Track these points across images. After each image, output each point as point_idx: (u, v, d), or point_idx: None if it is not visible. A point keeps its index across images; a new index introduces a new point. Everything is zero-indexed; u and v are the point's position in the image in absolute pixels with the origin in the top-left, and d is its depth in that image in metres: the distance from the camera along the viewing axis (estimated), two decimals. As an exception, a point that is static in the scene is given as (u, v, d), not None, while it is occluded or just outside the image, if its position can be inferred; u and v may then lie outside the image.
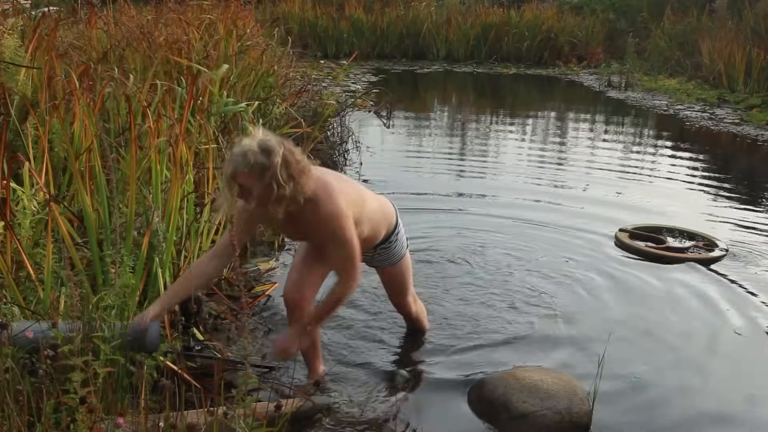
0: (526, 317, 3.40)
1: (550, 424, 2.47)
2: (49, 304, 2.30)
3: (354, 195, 2.54)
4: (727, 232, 4.74)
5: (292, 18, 14.88)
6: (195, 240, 3.28)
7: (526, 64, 14.94)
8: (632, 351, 3.11)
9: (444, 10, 16.09)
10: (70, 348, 1.86)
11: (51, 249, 2.39)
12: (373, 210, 2.66)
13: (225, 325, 3.11)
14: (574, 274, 3.90)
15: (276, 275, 3.75)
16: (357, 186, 2.68)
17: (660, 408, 2.70)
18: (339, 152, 6.48)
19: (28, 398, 1.85)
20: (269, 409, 2.13)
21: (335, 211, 2.39)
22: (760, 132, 8.46)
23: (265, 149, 2.23)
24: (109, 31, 5.78)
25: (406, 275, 2.97)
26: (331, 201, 2.39)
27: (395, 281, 2.97)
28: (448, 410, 2.63)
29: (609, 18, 15.96)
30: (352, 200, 2.49)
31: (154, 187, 3.01)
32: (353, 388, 2.73)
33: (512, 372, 2.69)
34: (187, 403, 2.06)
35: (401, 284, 2.98)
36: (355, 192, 2.57)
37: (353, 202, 2.50)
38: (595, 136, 8.36)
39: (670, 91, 11.38)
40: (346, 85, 10.87)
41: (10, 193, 2.67)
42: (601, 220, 4.86)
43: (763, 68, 10.46)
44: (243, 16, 7.19)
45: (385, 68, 14.00)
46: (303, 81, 7.25)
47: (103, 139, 2.90)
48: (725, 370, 3.02)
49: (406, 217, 4.82)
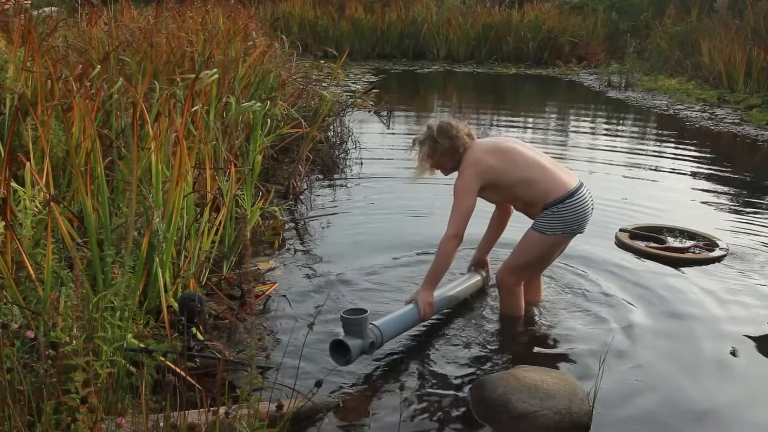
0: (526, 317, 3.40)
1: (550, 424, 2.47)
2: (49, 304, 2.30)
3: (495, 164, 3.09)
4: (727, 232, 4.74)
5: (293, 18, 14.90)
6: (195, 240, 3.28)
7: (526, 64, 14.95)
8: (632, 351, 3.10)
9: (444, 10, 16.10)
10: (72, 348, 1.86)
11: (51, 249, 2.39)
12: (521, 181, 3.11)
13: (225, 325, 3.11)
14: (573, 275, 3.90)
15: (276, 275, 3.75)
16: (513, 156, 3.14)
17: (660, 408, 2.69)
18: (339, 152, 6.49)
19: (28, 398, 1.85)
20: (270, 409, 2.13)
21: (460, 171, 3.14)
22: (760, 132, 8.46)
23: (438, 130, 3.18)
24: (109, 32, 5.78)
25: (527, 248, 3.20)
26: (462, 165, 3.14)
27: (520, 242, 3.24)
28: (448, 410, 2.63)
29: (610, 18, 15.97)
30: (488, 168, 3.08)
31: (154, 187, 3.01)
32: (354, 389, 2.73)
33: (512, 372, 2.68)
34: (187, 403, 2.07)
35: (518, 248, 3.24)
36: (500, 162, 3.10)
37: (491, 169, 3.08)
38: (595, 137, 8.37)
39: (670, 91, 11.38)
40: (346, 85, 10.87)
41: (11, 193, 2.67)
42: (601, 220, 4.86)
43: (763, 68, 10.47)
44: (244, 17, 7.18)
45: (385, 68, 14.01)
46: (303, 81, 7.25)
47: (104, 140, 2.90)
48: (726, 370, 3.02)
49: (406, 217, 4.86)
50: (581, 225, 3.17)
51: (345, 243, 4.32)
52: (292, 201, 5.05)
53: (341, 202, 5.25)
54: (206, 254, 3.38)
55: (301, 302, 3.46)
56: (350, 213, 4.97)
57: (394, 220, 4.81)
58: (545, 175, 3.11)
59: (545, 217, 3.11)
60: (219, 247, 3.57)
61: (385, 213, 4.96)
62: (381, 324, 2.86)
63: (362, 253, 4.14)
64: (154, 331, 2.72)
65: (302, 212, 4.95)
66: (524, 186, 3.11)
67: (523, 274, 3.30)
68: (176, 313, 2.87)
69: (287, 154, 6.00)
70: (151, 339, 2.63)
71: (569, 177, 3.19)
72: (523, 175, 3.10)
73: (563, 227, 3.11)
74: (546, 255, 3.24)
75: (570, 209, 3.09)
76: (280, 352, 2.89)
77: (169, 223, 2.92)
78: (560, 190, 3.10)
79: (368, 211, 5.01)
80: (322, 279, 3.75)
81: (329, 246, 4.27)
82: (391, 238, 4.42)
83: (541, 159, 3.19)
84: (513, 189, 3.14)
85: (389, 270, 3.90)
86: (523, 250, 3.20)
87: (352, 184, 5.76)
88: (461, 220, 3.04)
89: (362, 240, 4.37)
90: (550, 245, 3.17)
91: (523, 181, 3.10)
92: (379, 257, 4.08)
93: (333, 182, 5.80)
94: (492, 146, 3.21)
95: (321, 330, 3.12)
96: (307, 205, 5.08)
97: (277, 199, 4.94)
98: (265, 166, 5.37)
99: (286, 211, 4.83)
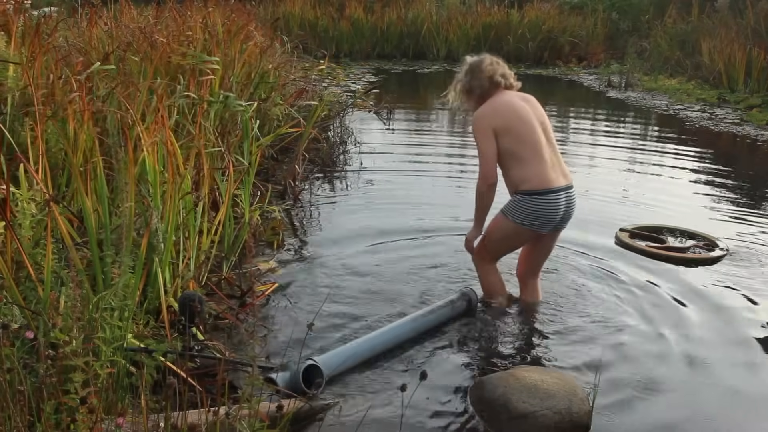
0: (526, 317, 3.40)
1: (550, 424, 2.47)
2: (49, 304, 2.30)
3: (497, 126, 3.13)
4: (727, 231, 4.74)
5: (293, 18, 14.89)
6: (194, 240, 3.28)
7: (526, 64, 14.94)
8: (632, 351, 3.10)
9: (444, 10, 16.10)
10: (71, 348, 1.86)
11: (51, 249, 2.39)
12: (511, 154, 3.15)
13: (225, 325, 3.11)
14: (573, 274, 3.90)
15: (276, 275, 3.75)
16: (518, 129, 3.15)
17: (660, 408, 2.69)
18: (339, 152, 6.49)
19: (28, 398, 1.85)
20: (271, 410, 2.13)
21: (475, 115, 3.23)
22: (760, 132, 8.46)
23: (469, 67, 3.34)
24: (109, 31, 5.78)
25: (492, 225, 3.30)
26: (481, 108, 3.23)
27: (489, 224, 3.31)
28: (448, 410, 2.63)
29: (610, 18, 15.97)
30: (489, 125, 3.14)
31: (153, 187, 3.01)
32: (354, 389, 2.73)
33: (512, 372, 2.68)
34: (187, 403, 2.06)
35: (487, 230, 3.32)
36: (502, 127, 3.13)
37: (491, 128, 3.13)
38: (595, 136, 8.36)
39: (670, 91, 11.38)
40: (346, 85, 10.87)
41: (11, 193, 2.66)
42: (601, 219, 4.86)
43: (764, 68, 10.46)
44: (244, 16, 7.18)
45: (385, 68, 14.01)
46: (303, 81, 7.26)
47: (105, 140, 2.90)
48: (726, 370, 3.01)
49: (405, 216, 4.86)
50: (542, 225, 3.19)
51: (345, 243, 4.31)
52: (292, 201, 5.05)
53: (341, 202, 5.25)
54: (206, 254, 3.38)
55: (301, 302, 3.45)
56: (350, 213, 4.97)
57: (394, 220, 4.81)
58: (533, 164, 3.14)
59: (512, 201, 3.21)
60: (219, 247, 3.57)
61: (385, 213, 4.96)
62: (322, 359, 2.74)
63: (362, 253, 4.14)
64: (154, 331, 2.72)
65: (302, 212, 4.95)
66: (511, 159, 3.16)
67: (489, 251, 3.37)
68: (176, 313, 2.87)
69: (287, 154, 6.00)
70: (151, 339, 2.63)
71: (557, 176, 3.19)
72: (515, 150, 3.14)
73: (522, 218, 3.17)
74: (507, 238, 3.29)
75: (535, 205, 3.14)
76: (280, 353, 2.89)
77: (168, 223, 2.92)
78: (537, 183, 3.13)
79: (368, 210, 5.01)
80: (321, 278, 3.75)
81: (329, 246, 4.27)
82: (391, 237, 4.42)
83: (543, 148, 3.17)
84: (505, 155, 3.17)
85: (389, 270, 3.89)
86: (489, 228, 3.32)
87: (352, 183, 5.75)
88: (485, 162, 3.15)
89: (362, 239, 4.37)
90: (509, 229, 3.23)
91: (512, 155, 3.15)
92: (379, 257, 4.08)
93: (333, 182, 5.80)
94: (508, 107, 3.20)
95: (321, 330, 3.12)
96: (306, 205, 5.08)
97: (276, 198, 4.94)
98: (265, 165, 5.37)
99: (285, 211, 4.82)
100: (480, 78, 3.28)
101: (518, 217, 3.18)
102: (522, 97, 3.30)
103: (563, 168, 3.26)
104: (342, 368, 2.78)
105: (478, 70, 3.29)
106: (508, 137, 3.14)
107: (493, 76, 3.28)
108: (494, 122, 3.15)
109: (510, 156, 3.16)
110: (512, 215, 3.20)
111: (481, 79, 3.28)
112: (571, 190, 3.24)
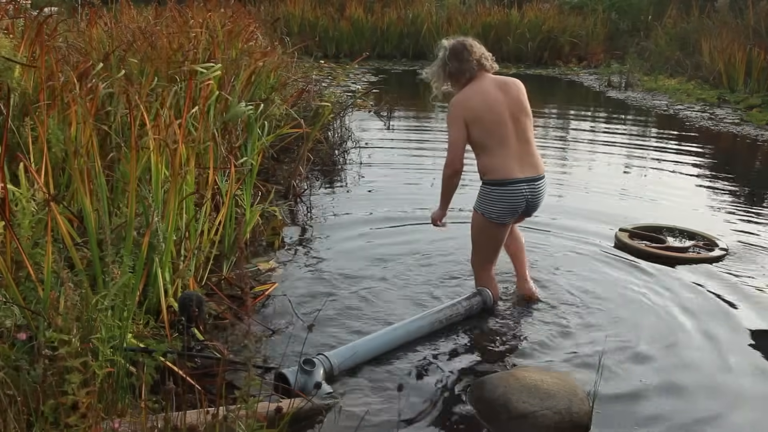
0: (526, 317, 3.40)
1: (550, 424, 2.47)
2: (49, 304, 2.30)
3: (468, 116, 3.18)
4: (727, 231, 4.74)
5: (293, 18, 14.90)
6: (194, 240, 3.28)
7: (526, 64, 14.95)
8: (632, 351, 3.10)
9: (444, 10, 16.11)
10: (67, 350, 1.85)
11: (51, 249, 2.39)
12: (480, 143, 3.21)
13: (225, 325, 3.11)
14: (573, 275, 3.90)
15: (276, 275, 3.75)
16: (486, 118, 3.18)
17: (660, 408, 2.69)
18: (339, 152, 6.49)
19: (26, 399, 1.85)
20: (269, 410, 2.13)
21: (451, 102, 3.25)
22: (760, 132, 8.46)
23: (451, 51, 3.28)
24: (109, 32, 5.78)
25: (473, 229, 3.36)
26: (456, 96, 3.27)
27: (471, 228, 3.37)
28: (448, 410, 2.63)
29: (610, 18, 15.98)
30: (462, 115, 3.18)
31: (153, 187, 3.01)
32: (353, 389, 2.73)
33: (512, 372, 2.68)
34: (186, 403, 2.06)
35: (471, 235, 3.38)
36: (473, 117, 3.17)
37: (464, 117, 3.17)
38: (594, 136, 8.36)
39: (670, 91, 11.38)
40: (346, 85, 10.87)
41: (10, 193, 2.67)
42: (600, 219, 4.87)
43: (764, 68, 10.47)
44: (245, 18, 7.19)
45: (385, 68, 14.01)
46: (304, 81, 7.25)
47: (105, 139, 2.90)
48: (726, 370, 3.01)
49: (406, 217, 4.86)
50: (501, 215, 3.24)
51: (345, 243, 4.31)
52: (292, 201, 5.05)
53: (341, 202, 5.25)
54: (206, 254, 3.38)
55: (300, 302, 3.45)
56: (350, 212, 4.97)
57: (394, 219, 4.81)
58: (498, 154, 3.19)
59: (480, 191, 3.29)
60: (219, 246, 3.57)
61: (385, 213, 4.96)
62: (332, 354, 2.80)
63: (362, 253, 4.14)
64: (154, 331, 2.72)
65: (302, 212, 4.95)
66: (480, 148, 3.24)
67: (478, 255, 3.43)
68: (176, 313, 2.87)
69: (287, 154, 5.99)
70: (150, 339, 2.63)
71: (522, 166, 3.21)
72: (483, 141, 3.21)
73: (483, 208, 3.25)
74: (486, 234, 3.33)
75: (496, 195, 3.21)
76: (280, 353, 2.89)
77: (168, 223, 2.92)
78: (498, 173, 3.20)
79: (368, 210, 5.01)
80: (322, 279, 3.75)
81: (329, 246, 4.27)
82: (391, 236, 4.42)
83: (509, 139, 3.20)
84: (474, 143, 3.24)
85: (390, 270, 3.89)
86: (471, 229, 3.39)
87: (352, 183, 5.75)
88: (452, 150, 3.23)
89: (362, 239, 4.37)
90: (483, 224, 3.29)
91: (481, 145, 3.22)
92: (378, 257, 4.08)
93: (333, 182, 5.80)
94: (481, 97, 3.21)
95: (321, 330, 3.12)
96: (307, 205, 5.08)
97: (277, 199, 4.94)
98: (266, 166, 5.37)
99: (286, 211, 4.82)
100: (470, 60, 3.26)
101: (480, 206, 3.27)
102: (498, 84, 3.26)
103: (532, 159, 3.27)
104: (353, 364, 2.82)
105: (467, 53, 3.25)
106: (476, 127, 3.19)
107: (480, 59, 3.27)
108: (465, 112, 3.19)
109: (479, 145, 3.23)
110: (480, 209, 3.27)
111: (470, 61, 3.26)
112: (538, 181, 3.26)
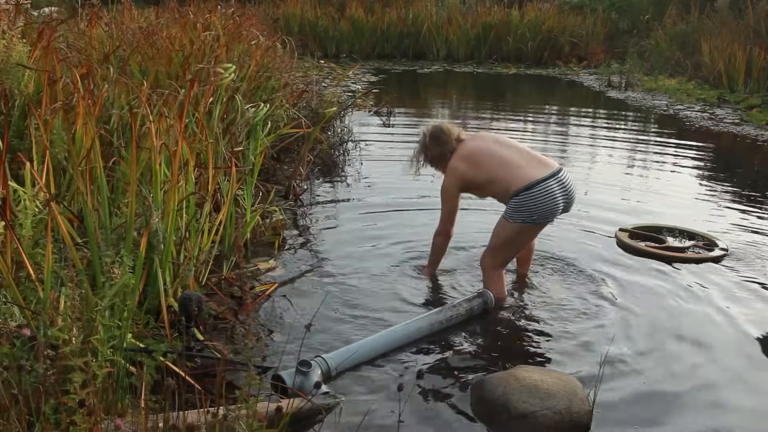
0: (526, 317, 3.40)
1: (550, 424, 2.47)
2: (49, 304, 2.30)
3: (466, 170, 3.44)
4: (727, 231, 4.74)
5: (293, 18, 14.90)
6: (195, 240, 3.28)
7: (526, 64, 14.95)
8: (633, 351, 3.10)
9: (444, 10, 16.10)
10: (69, 349, 1.86)
11: (51, 249, 2.39)
12: (488, 180, 3.42)
13: (225, 326, 3.11)
14: (573, 274, 3.90)
15: (276, 275, 3.75)
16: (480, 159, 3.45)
17: (661, 408, 2.69)
18: (339, 152, 6.49)
19: (27, 399, 1.85)
20: (269, 410, 2.13)
21: (444, 174, 3.55)
22: (760, 132, 8.46)
23: (431, 137, 3.57)
24: (110, 32, 5.78)
25: (496, 232, 3.45)
26: (446, 169, 3.54)
27: (493, 231, 3.47)
28: (448, 410, 2.63)
29: (610, 18, 15.97)
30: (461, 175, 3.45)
31: (154, 187, 3.01)
32: (353, 389, 2.73)
33: (512, 372, 2.68)
34: (186, 403, 2.06)
35: (492, 233, 3.48)
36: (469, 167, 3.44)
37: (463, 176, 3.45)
38: (595, 136, 8.36)
39: (670, 91, 11.38)
40: (346, 85, 10.88)
41: (10, 193, 2.67)
42: (601, 219, 4.87)
43: (764, 68, 10.46)
44: (247, 19, 7.19)
45: (385, 68, 14.01)
46: (304, 81, 7.26)
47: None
48: (726, 370, 3.02)
49: (405, 217, 4.86)
50: (544, 215, 3.34)
51: (345, 243, 4.32)
52: (293, 201, 5.05)
53: (341, 202, 5.25)
54: (206, 254, 3.38)
55: (300, 302, 3.45)
56: (350, 212, 4.97)
57: (394, 219, 4.81)
58: (508, 172, 3.36)
59: (510, 205, 3.37)
60: (219, 246, 3.57)
61: (385, 212, 4.96)
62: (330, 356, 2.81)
63: (362, 253, 4.14)
64: (154, 331, 2.72)
65: (302, 212, 4.95)
66: (491, 184, 3.43)
67: (498, 258, 3.49)
68: (176, 313, 2.87)
69: (288, 154, 6.00)
70: (150, 339, 2.64)
71: (536, 168, 3.36)
72: (488, 176, 3.41)
73: (523, 216, 3.32)
74: (513, 240, 3.43)
75: (530, 199, 3.29)
76: (279, 353, 2.89)
77: (168, 223, 2.92)
78: (521, 182, 3.32)
79: (368, 210, 5.01)
80: (322, 279, 3.75)
81: (329, 246, 4.27)
82: (391, 237, 4.42)
83: (509, 155, 3.41)
84: (485, 187, 3.48)
85: (389, 270, 3.90)
86: (494, 234, 3.47)
87: (352, 183, 5.76)
88: (446, 219, 3.58)
89: (362, 240, 4.37)
90: (514, 231, 3.38)
91: (490, 180, 3.42)
92: (379, 257, 4.08)
93: (333, 182, 5.80)
94: (466, 152, 3.49)
95: (321, 330, 3.12)
96: (307, 205, 5.08)
97: (277, 199, 4.94)
98: (266, 166, 5.37)
99: (286, 211, 4.82)
100: (449, 141, 3.54)
101: (518, 216, 3.34)
102: (471, 137, 3.62)
103: (542, 159, 3.44)
104: (352, 364, 2.82)
105: (444, 135, 3.55)
106: (478, 172, 3.42)
107: (457, 136, 3.56)
108: (463, 164, 3.45)
109: (489, 183, 3.43)
110: (512, 218, 3.35)
111: (449, 143, 3.54)
112: (560, 173, 3.38)
